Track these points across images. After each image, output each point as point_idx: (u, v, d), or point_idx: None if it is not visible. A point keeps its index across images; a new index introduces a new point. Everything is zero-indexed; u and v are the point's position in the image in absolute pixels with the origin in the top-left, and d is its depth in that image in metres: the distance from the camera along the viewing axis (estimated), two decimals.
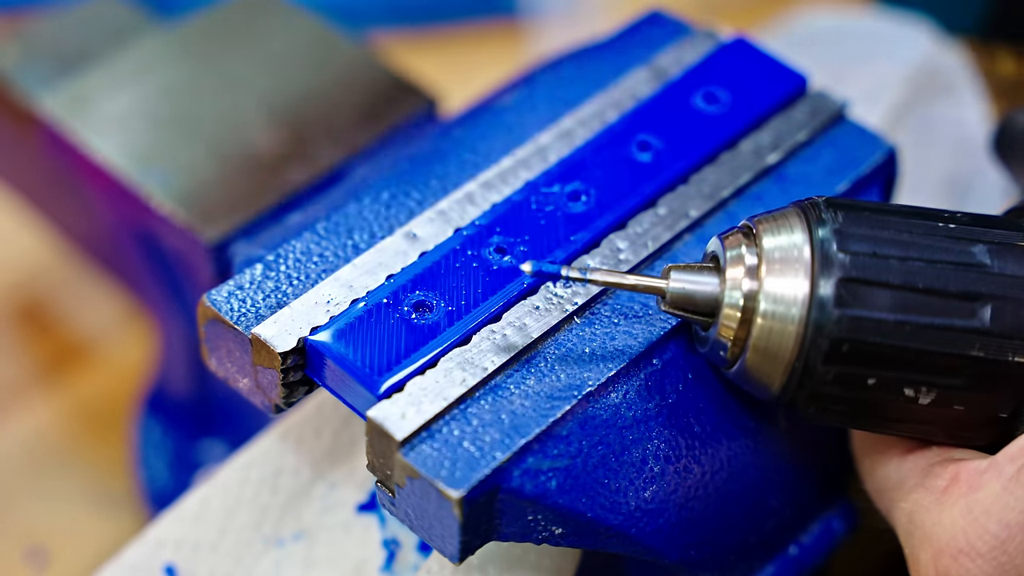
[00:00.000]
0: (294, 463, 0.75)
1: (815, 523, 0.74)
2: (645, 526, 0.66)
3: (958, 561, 0.62)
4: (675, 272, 0.65)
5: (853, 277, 0.62)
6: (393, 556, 0.74)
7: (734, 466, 0.69)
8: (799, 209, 0.64)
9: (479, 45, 1.20)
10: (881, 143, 0.75)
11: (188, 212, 0.80)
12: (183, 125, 0.84)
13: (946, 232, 0.63)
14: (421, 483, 0.62)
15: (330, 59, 0.87)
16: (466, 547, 0.63)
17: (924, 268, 0.62)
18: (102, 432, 1.00)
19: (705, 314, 0.65)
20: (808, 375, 0.63)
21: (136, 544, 0.74)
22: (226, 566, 0.74)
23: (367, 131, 0.84)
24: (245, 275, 0.69)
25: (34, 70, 0.88)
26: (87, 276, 1.06)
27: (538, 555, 0.71)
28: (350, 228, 0.71)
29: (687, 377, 0.68)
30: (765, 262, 0.63)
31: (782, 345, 0.63)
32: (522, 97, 0.76)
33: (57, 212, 0.96)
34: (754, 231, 0.65)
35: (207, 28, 0.88)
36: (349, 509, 0.75)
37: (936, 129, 0.94)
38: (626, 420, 0.66)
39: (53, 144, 0.85)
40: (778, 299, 0.63)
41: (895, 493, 0.66)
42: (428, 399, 0.64)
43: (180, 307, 0.87)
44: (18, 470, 0.98)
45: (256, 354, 0.67)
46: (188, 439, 0.94)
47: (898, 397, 0.63)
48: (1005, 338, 0.62)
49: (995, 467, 0.62)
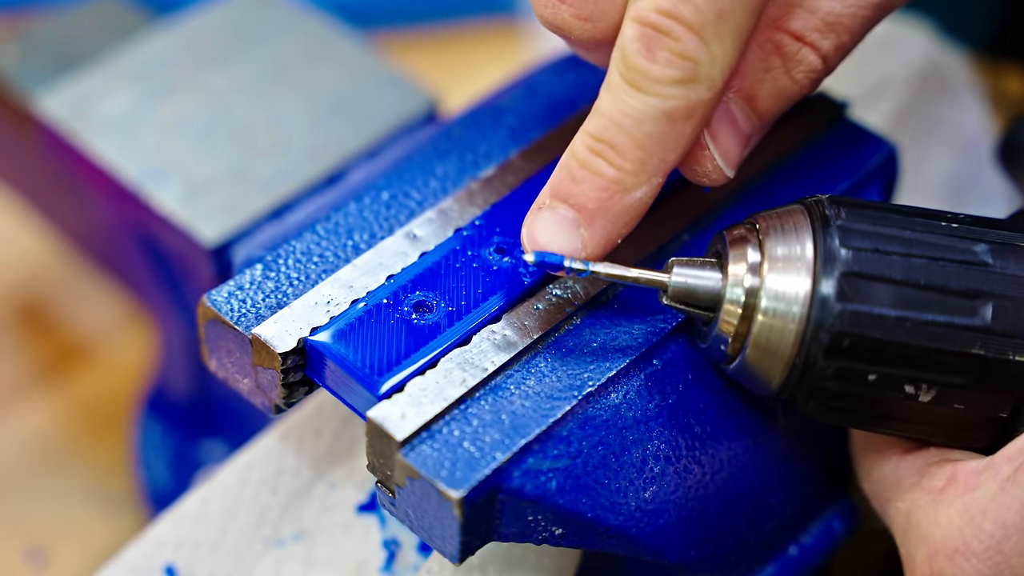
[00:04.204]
0: (294, 463, 0.75)
1: (815, 523, 0.74)
2: (645, 526, 0.66)
3: (953, 561, 0.62)
4: (677, 266, 0.65)
5: (855, 272, 0.62)
6: (393, 556, 0.74)
7: (734, 466, 0.69)
8: (803, 206, 0.65)
9: (479, 45, 1.20)
10: (881, 143, 0.75)
11: (188, 213, 0.80)
12: (183, 125, 0.84)
13: (948, 231, 0.63)
14: (421, 483, 0.62)
15: (330, 59, 0.87)
16: (466, 547, 0.63)
17: (926, 265, 0.62)
18: (102, 432, 1.00)
19: (706, 309, 0.65)
20: (809, 370, 0.63)
21: (136, 544, 0.74)
22: (226, 566, 0.74)
23: (367, 131, 0.84)
24: (245, 275, 0.69)
25: (34, 70, 0.88)
26: (87, 276, 1.06)
27: (538, 555, 0.71)
28: (350, 228, 0.71)
29: (687, 377, 0.68)
30: (767, 259, 0.64)
31: (782, 342, 0.63)
32: (522, 97, 0.76)
33: (57, 212, 0.96)
34: (758, 227, 0.65)
35: (207, 28, 0.88)
36: (349, 509, 0.75)
37: (936, 129, 0.94)
38: (626, 420, 0.66)
39: (53, 144, 0.85)
40: (779, 296, 0.63)
41: (892, 493, 0.66)
42: (428, 399, 0.64)
43: (180, 307, 0.87)
44: (18, 470, 0.98)
45: (256, 354, 0.67)
46: (188, 439, 0.94)
47: (898, 394, 0.63)
48: (1006, 337, 0.62)
49: (992, 467, 0.62)
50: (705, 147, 0.65)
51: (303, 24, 0.89)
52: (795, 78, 0.66)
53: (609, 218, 0.63)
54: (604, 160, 0.63)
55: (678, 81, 0.62)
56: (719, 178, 0.66)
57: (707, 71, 0.62)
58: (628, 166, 0.63)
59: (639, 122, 0.62)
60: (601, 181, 0.63)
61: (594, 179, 0.63)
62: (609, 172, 0.63)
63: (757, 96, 0.65)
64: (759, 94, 0.65)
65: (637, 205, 0.63)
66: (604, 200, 0.63)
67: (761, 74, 0.65)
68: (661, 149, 0.63)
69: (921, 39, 0.95)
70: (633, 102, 0.62)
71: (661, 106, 0.62)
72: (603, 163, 0.63)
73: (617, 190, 0.63)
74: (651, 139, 0.62)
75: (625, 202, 0.63)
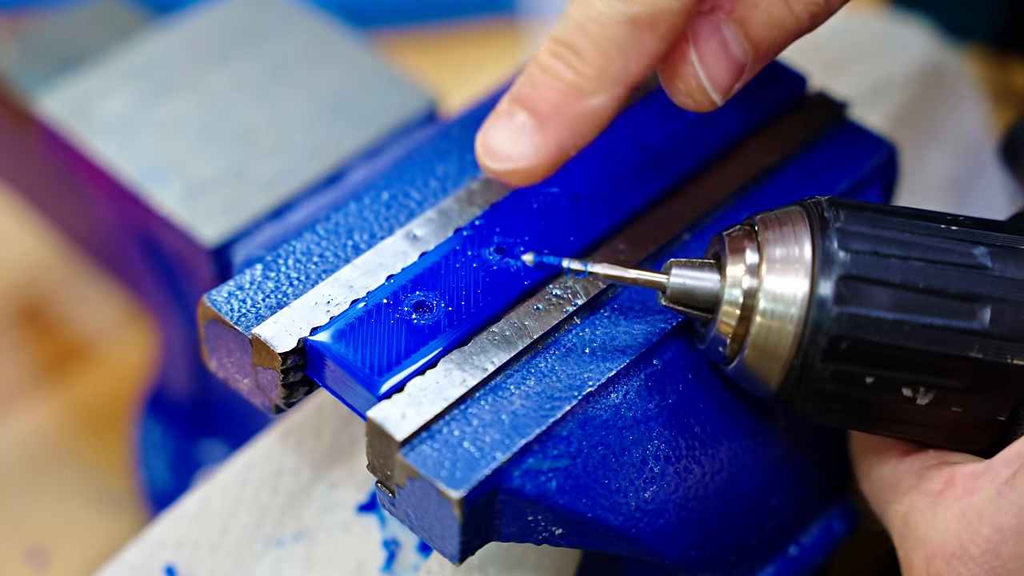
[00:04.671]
0: (294, 463, 0.75)
1: (815, 523, 0.74)
2: (645, 527, 0.66)
3: (951, 564, 0.62)
4: (676, 267, 0.65)
5: (853, 275, 0.62)
6: (393, 556, 0.74)
7: (734, 466, 0.69)
8: (802, 208, 0.65)
9: (479, 45, 1.20)
10: (881, 143, 0.75)
11: (188, 213, 0.80)
12: (183, 125, 0.84)
13: (947, 234, 0.63)
14: (421, 483, 0.62)
15: (330, 59, 0.87)
16: (466, 547, 0.63)
17: (925, 268, 0.62)
18: (102, 432, 1.00)
19: (705, 310, 0.65)
20: (806, 372, 0.63)
21: (136, 544, 0.74)
22: (226, 566, 0.74)
23: (367, 131, 0.84)
24: (245, 275, 0.69)
25: (34, 70, 0.88)
26: (87, 276, 1.06)
27: (538, 555, 0.71)
28: (350, 228, 0.71)
29: (687, 377, 0.68)
30: (766, 260, 0.64)
31: (780, 344, 0.63)
32: None
33: (57, 212, 0.96)
34: (756, 229, 0.65)
35: (207, 28, 0.88)
36: (349, 509, 0.75)
37: (937, 130, 0.94)
38: (626, 420, 0.66)
39: (53, 144, 0.85)
40: (777, 298, 0.63)
41: (890, 495, 0.66)
42: (428, 399, 0.64)
43: (180, 307, 0.87)
44: (18, 470, 0.98)
45: (256, 354, 0.67)
46: (188, 439, 0.94)
47: (896, 397, 0.63)
48: (1004, 340, 0.62)
49: (990, 471, 0.62)
50: (689, 62, 0.63)
51: (303, 24, 0.89)
52: (792, 8, 0.64)
53: (564, 123, 0.62)
54: (563, 63, 0.62)
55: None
56: (704, 100, 0.64)
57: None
58: (588, 71, 0.61)
59: (603, 26, 0.61)
60: (559, 84, 0.62)
61: (552, 82, 0.62)
62: (567, 75, 0.62)
63: (750, 22, 0.63)
64: (752, 20, 0.63)
65: (594, 114, 0.62)
66: (560, 104, 0.62)
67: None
68: (623, 57, 0.61)
69: (922, 39, 0.95)
70: (599, 5, 0.61)
71: (626, 10, 0.60)
72: (562, 66, 0.62)
73: (574, 94, 0.61)
74: (614, 45, 0.61)
75: (581, 108, 0.62)
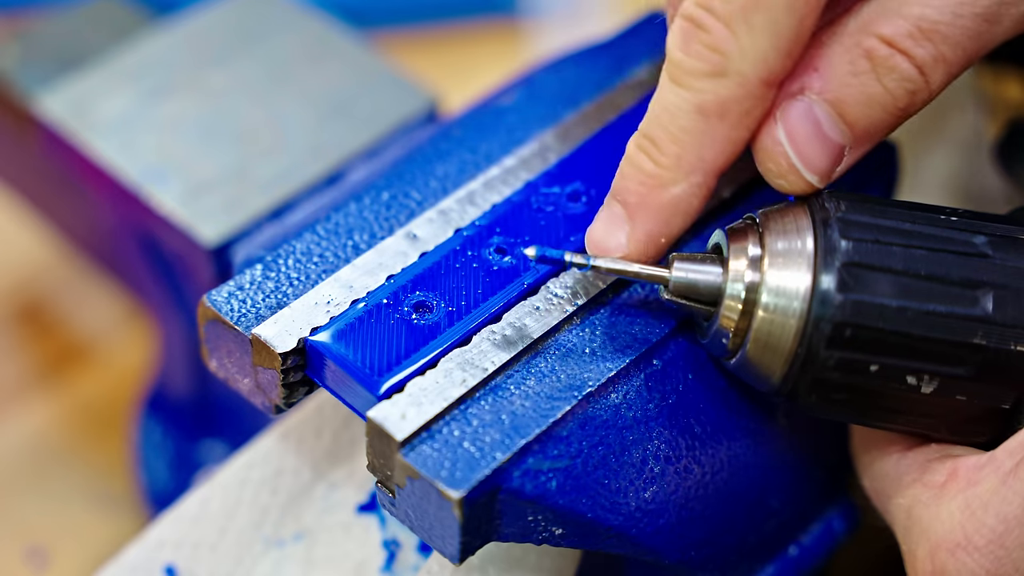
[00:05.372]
0: (294, 463, 0.75)
1: (815, 523, 0.74)
2: (645, 527, 0.66)
3: (955, 555, 0.62)
4: (678, 261, 0.65)
5: (856, 262, 0.62)
6: (393, 557, 0.74)
7: (734, 466, 0.69)
8: (803, 202, 0.65)
9: (479, 45, 1.20)
10: (881, 143, 0.75)
11: (188, 213, 0.80)
12: (183, 126, 0.84)
13: (948, 224, 0.64)
14: (421, 483, 0.62)
15: (330, 59, 0.87)
16: (466, 547, 0.63)
17: (926, 255, 0.63)
18: (102, 432, 1.00)
19: (707, 304, 0.65)
20: (810, 361, 0.63)
21: (136, 544, 0.74)
22: (226, 566, 0.74)
23: (367, 131, 0.84)
24: (245, 275, 0.69)
25: (34, 70, 0.88)
26: (87, 276, 1.06)
27: (538, 555, 0.71)
28: (350, 228, 0.71)
29: (687, 377, 0.68)
30: (768, 253, 0.64)
31: (783, 337, 0.63)
32: (522, 97, 0.76)
33: (57, 212, 0.96)
34: (758, 222, 0.65)
35: (207, 28, 0.88)
36: (349, 509, 0.75)
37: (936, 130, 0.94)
38: (626, 420, 0.66)
39: (53, 144, 0.85)
40: (780, 292, 0.63)
41: (893, 489, 0.66)
42: (428, 399, 0.64)
43: (180, 307, 0.87)
44: (18, 470, 0.98)
45: (256, 354, 0.67)
46: (188, 439, 0.94)
47: (900, 385, 0.63)
48: (1007, 327, 0.62)
49: (994, 462, 0.62)
50: (779, 143, 0.64)
51: (303, 24, 0.89)
52: (887, 86, 0.63)
53: (649, 213, 0.64)
54: (645, 155, 0.64)
55: (707, 74, 0.62)
56: (798, 181, 0.64)
57: (736, 65, 0.62)
58: (664, 160, 0.63)
59: (674, 116, 0.63)
60: (641, 175, 0.64)
61: (636, 173, 0.64)
62: (648, 166, 0.64)
63: (845, 102, 0.64)
64: (847, 100, 0.63)
65: (676, 202, 0.64)
66: (644, 195, 0.64)
67: (848, 78, 0.63)
68: (696, 145, 0.63)
69: None
70: (670, 96, 0.63)
71: (693, 99, 0.62)
72: (644, 158, 0.64)
73: (655, 184, 0.64)
74: (685, 134, 0.63)
75: (663, 198, 0.64)
